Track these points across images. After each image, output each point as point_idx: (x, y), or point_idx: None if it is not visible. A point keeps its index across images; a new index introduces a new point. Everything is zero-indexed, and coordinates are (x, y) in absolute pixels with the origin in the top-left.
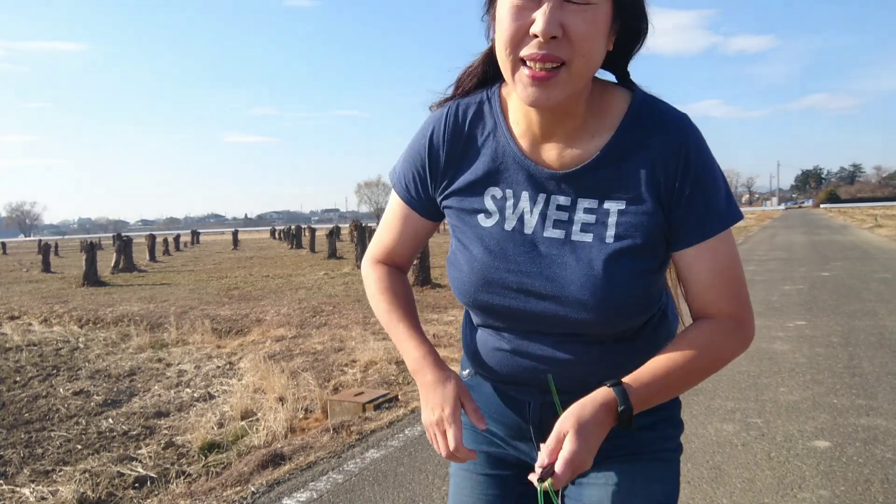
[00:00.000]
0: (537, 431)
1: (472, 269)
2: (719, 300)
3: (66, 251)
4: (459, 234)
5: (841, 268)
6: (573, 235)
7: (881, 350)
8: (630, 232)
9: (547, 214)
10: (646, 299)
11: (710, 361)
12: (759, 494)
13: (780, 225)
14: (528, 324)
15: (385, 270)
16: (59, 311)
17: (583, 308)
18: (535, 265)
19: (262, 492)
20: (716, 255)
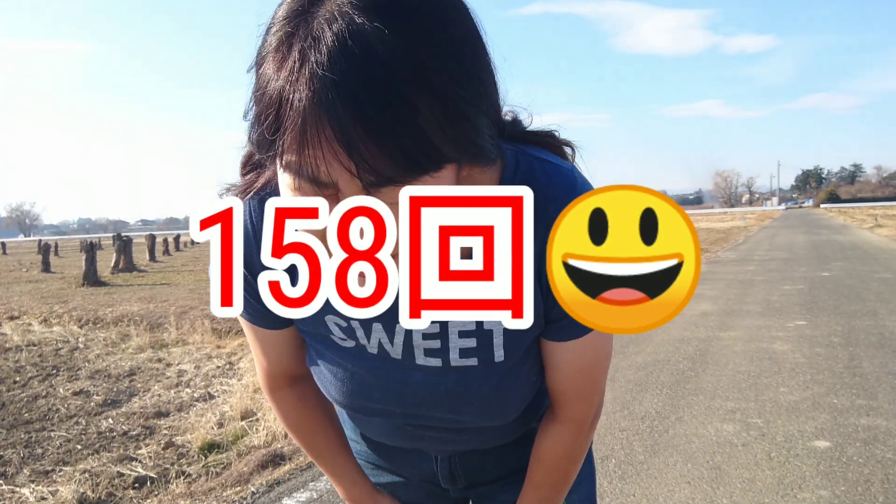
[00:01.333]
0: (446, 479)
1: (340, 392)
2: (571, 399)
3: (66, 251)
4: (316, 346)
5: (841, 268)
6: (453, 362)
7: (881, 350)
8: (522, 343)
9: (413, 345)
10: (536, 384)
11: (575, 468)
12: (759, 494)
13: (780, 225)
14: (405, 423)
15: (287, 404)
16: (59, 311)
17: (477, 420)
18: (415, 395)
19: (262, 492)
20: (583, 351)
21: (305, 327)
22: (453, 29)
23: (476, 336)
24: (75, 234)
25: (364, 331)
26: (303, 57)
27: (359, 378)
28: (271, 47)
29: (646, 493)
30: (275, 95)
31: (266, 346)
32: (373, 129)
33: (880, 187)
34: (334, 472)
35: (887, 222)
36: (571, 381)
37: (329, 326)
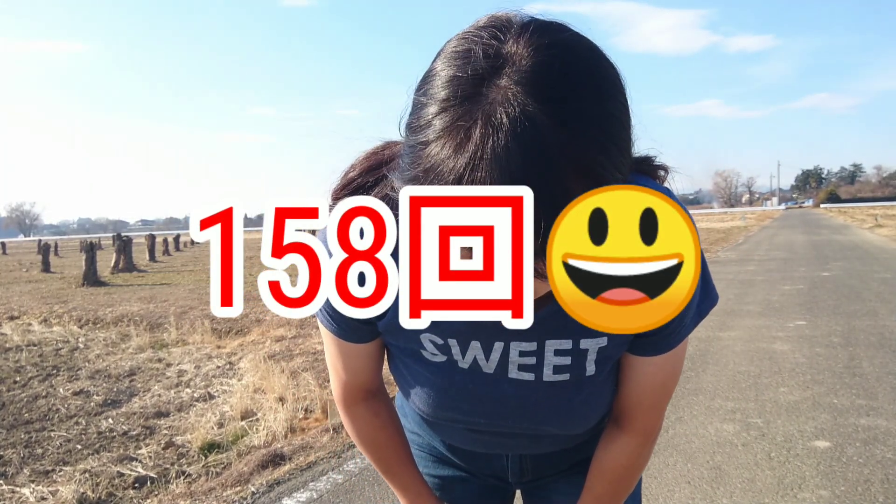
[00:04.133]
0: (515, 476)
1: (426, 403)
2: (644, 410)
3: (66, 251)
4: (405, 360)
5: (841, 268)
6: (545, 377)
7: (881, 350)
8: (611, 360)
9: (509, 361)
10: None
11: (637, 477)
12: (759, 494)
13: (780, 225)
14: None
15: (364, 420)
16: (59, 311)
17: (560, 429)
18: (502, 407)
19: (262, 492)
20: (662, 368)
21: (397, 342)
22: (614, 112)
23: (571, 354)
24: (75, 234)
25: (461, 348)
26: (483, 142)
27: (447, 391)
28: (443, 126)
29: (646, 493)
30: (454, 177)
31: (348, 359)
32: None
33: (880, 187)
34: (401, 485)
35: (887, 222)
36: (648, 394)
37: (423, 343)
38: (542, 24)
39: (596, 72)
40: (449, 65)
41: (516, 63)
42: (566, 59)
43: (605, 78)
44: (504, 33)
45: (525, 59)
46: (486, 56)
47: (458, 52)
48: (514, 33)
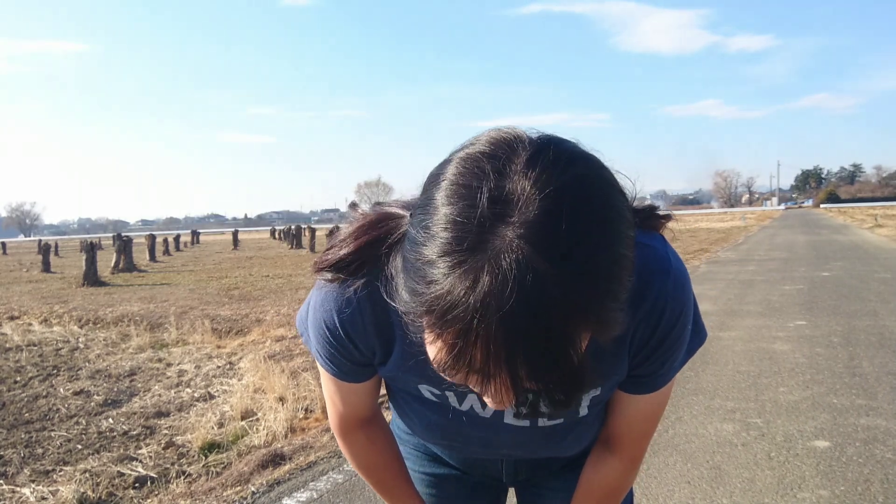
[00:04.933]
0: (510, 478)
1: (422, 432)
2: (633, 440)
3: (66, 251)
4: (400, 395)
5: (841, 268)
6: (541, 423)
7: (881, 350)
8: (601, 402)
9: (504, 411)
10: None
11: (619, 499)
12: (759, 494)
13: (779, 225)
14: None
15: (361, 447)
16: (59, 311)
17: (554, 455)
18: (502, 443)
19: (263, 492)
20: (651, 403)
21: (396, 385)
22: (620, 250)
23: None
24: (75, 234)
25: (457, 399)
26: (489, 291)
27: (445, 427)
28: (447, 270)
29: (646, 493)
30: (464, 315)
31: (345, 395)
32: (536, 363)
33: (880, 187)
34: (398, 499)
35: (887, 222)
36: (637, 425)
37: (421, 392)
38: (550, 157)
39: (605, 215)
40: (450, 203)
41: (522, 210)
42: (574, 208)
43: (613, 219)
44: (508, 165)
45: (531, 206)
46: (490, 200)
47: (460, 187)
48: (520, 167)
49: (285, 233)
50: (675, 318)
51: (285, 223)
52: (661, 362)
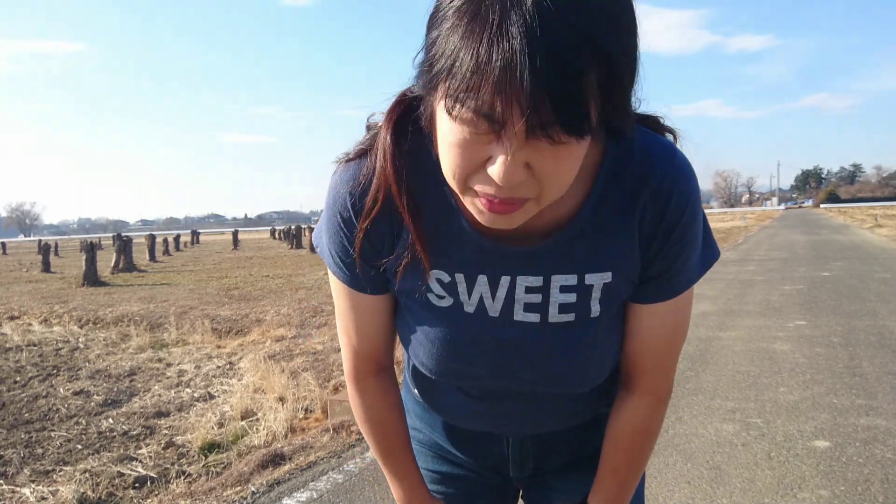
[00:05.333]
0: (516, 464)
1: (431, 354)
2: (651, 368)
3: (66, 251)
4: (411, 308)
5: (841, 268)
6: (551, 318)
7: (881, 350)
8: (617, 300)
9: (515, 299)
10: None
11: (652, 445)
12: (759, 494)
13: (779, 225)
14: (490, 390)
15: (373, 397)
16: (59, 311)
17: (565, 382)
18: (507, 353)
19: (262, 492)
20: (668, 316)
21: (406, 285)
22: (626, 7)
23: (576, 291)
24: (75, 234)
25: (467, 284)
26: (501, 23)
27: (452, 337)
28: (461, 8)
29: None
30: (472, 52)
31: (361, 318)
32: (552, 88)
33: (880, 187)
34: (398, 474)
35: (887, 222)
36: (653, 350)
37: (431, 284)
38: None
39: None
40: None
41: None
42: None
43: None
44: None
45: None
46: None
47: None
48: None
49: (285, 233)
50: (683, 203)
51: (285, 223)
52: (675, 256)
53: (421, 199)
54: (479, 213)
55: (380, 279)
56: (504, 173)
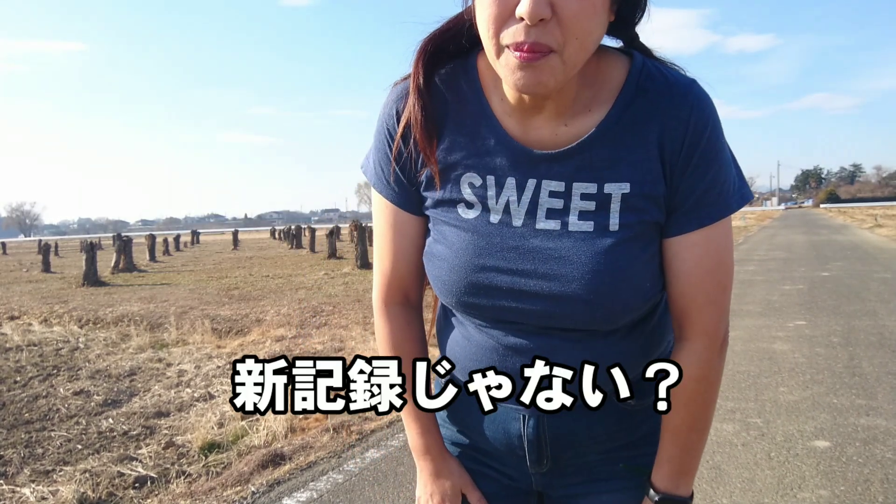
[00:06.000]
0: (532, 446)
1: (454, 267)
2: (700, 307)
3: (66, 251)
4: (438, 226)
5: (841, 268)
6: (571, 226)
7: (881, 350)
8: (636, 216)
9: (539, 203)
10: (653, 288)
11: (713, 398)
12: (758, 494)
13: (779, 225)
14: (521, 323)
15: (397, 323)
16: (59, 311)
17: (586, 306)
18: (528, 263)
19: (263, 492)
20: (709, 247)
21: (438, 194)
22: None
23: (596, 199)
24: (75, 234)
25: (496, 188)
26: None
27: (477, 247)
28: None
29: None
30: None
31: (395, 235)
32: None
33: (880, 187)
34: (412, 412)
35: (887, 222)
36: (699, 286)
37: (462, 189)
38: None
39: None
40: None
41: None
42: None
43: None
44: None
45: None
46: None
47: None
48: None
49: (285, 233)
50: (704, 121)
51: (285, 223)
52: (702, 175)
53: (459, 111)
54: (512, 72)
55: (415, 197)
56: (531, 4)
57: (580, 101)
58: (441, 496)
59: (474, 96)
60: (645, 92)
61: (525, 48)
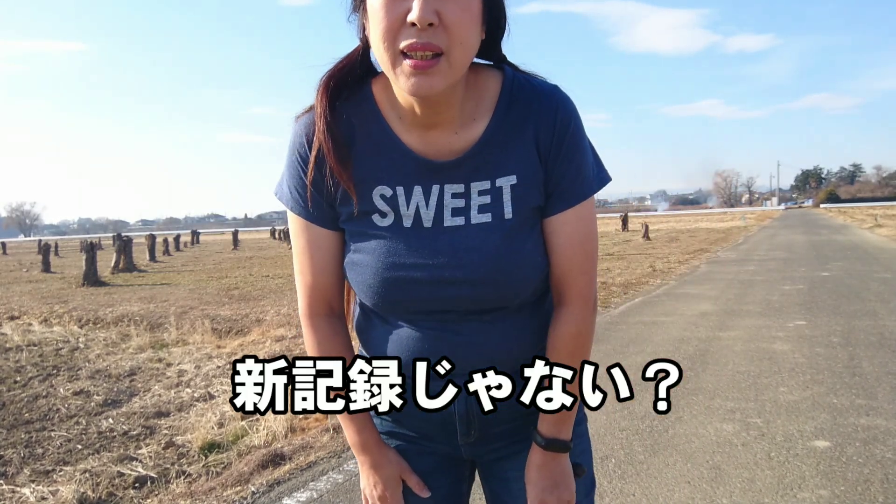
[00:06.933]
0: (462, 421)
1: (377, 270)
2: (577, 276)
3: (66, 251)
4: (356, 238)
5: (841, 268)
6: (473, 219)
7: (881, 350)
8: (525, 204)
9: (444, 205)
10: (543, 261)
11: (588, 351)
12: (758, 494)
13: (779, 225)
14: (437, 311)
15: (323, 333)
16: (59, 311)
17: (494, 285)
18: (441, 257)
19: (263, 492)
20: (578, 224)
21: (358, 207)
22: None
23: (491, 193)
24: (75, 234)
25: (405, 196)
26: None
27: (395, 249)
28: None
29: (645, 493)
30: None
31: (314, 251)
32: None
33: (880, 187)
34: (346, 414)
35: (887, 222)
36: (572, 258)
37: (375, 201)
38: None
39: None
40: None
41: None
42: None
43: None
44: None
45: None
46: None
47: None
48: None
49: (285, 233)
50: (567, 118)
51: (285, 223)
52: (569, 161)
53: (362, 133)
54: (407, 78)
55: (330, 214)
56: (420, 10)
57: (465, 112)
58: (384, 484)
59: (374, 118)
60: (518, 99)
61: (419, 47)
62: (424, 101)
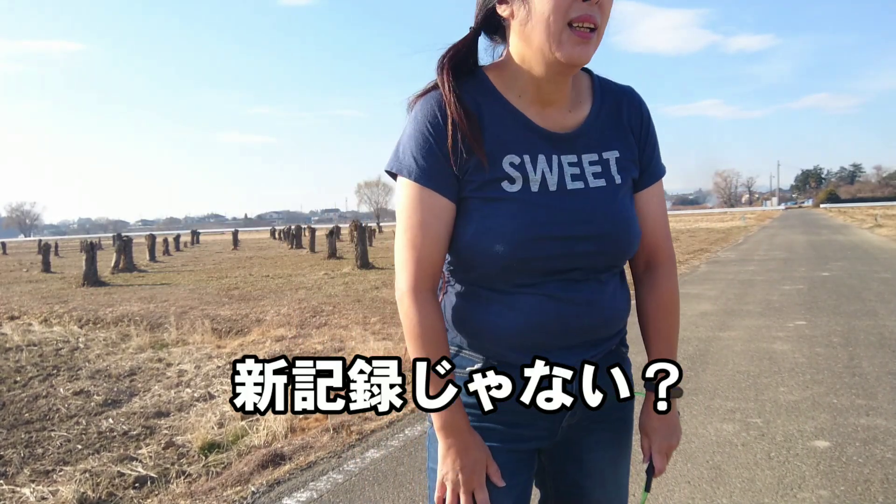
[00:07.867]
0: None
1: (515, 230)
2: (664, 239)
3: (66, 251)
4: (486, 204)
5: (841, 268)
6: (591, 184)
7: (881, 350)
8: (628, 174)
9: (563, 172)
10: (639, 226)
11: (679, 309)
12: (758, 494)
13: (779, 225)
14: (564, 269)
15: (431, 307)
16: (59, 311)
17: (615, 241)
18: (569, 214)
19: (263, 492)
20: (659, 197)
21: (484, 176)
22: None
23: (600, 164)
24: (75, 234)
25: (532, 164)
26: None
27: (529, 211)
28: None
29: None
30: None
31: (430, 220)
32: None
33: (880, 187)
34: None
35: (887, 222)
36: (662, 225)
37: (505, 168)
38: None
39: None
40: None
41: None
42: None
43: None
44: None
45: None
46: None
47: None
48: None
49: (285, 233)
50: (647, 109)
51: (285, 223)
52: (653, 145)
53: (486, 108)
54: (572, 47)
55: (455, 185)
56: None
57: (573, 97)
58: (471, 469)
59: (494, 96)
60: (608, 91)
61: (589, 18)
62: (561, 75)
